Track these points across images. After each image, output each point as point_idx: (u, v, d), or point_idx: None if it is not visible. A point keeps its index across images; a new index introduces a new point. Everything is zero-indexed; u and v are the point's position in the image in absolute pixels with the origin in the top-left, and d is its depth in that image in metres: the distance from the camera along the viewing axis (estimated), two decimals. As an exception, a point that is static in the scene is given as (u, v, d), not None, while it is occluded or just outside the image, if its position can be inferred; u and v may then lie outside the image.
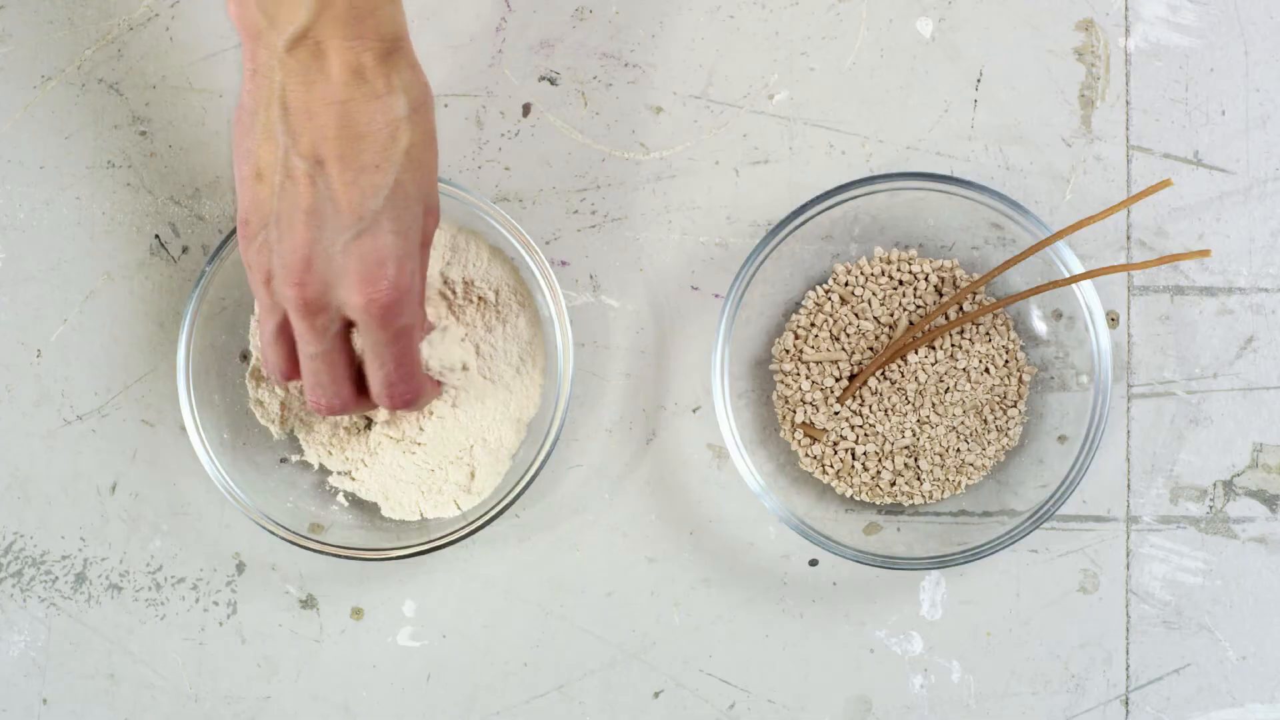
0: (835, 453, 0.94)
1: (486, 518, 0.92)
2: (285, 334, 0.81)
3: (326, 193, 0.74)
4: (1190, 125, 0.96)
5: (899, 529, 0.94)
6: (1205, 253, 0.86)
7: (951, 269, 0.94)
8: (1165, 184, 0.88)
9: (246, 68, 0.75)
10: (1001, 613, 0.95)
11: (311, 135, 0.74)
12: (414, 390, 0.83)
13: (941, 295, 0.94)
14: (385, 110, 0.74)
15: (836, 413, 0.93)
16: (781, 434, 0.95)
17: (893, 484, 0.94)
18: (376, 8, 0.73)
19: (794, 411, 0.94)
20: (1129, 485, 0.95)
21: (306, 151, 0.74)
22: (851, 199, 0.92)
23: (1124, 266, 0.89)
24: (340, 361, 0.81)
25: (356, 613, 0.97)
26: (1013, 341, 0.94)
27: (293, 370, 0.83)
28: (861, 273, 0.95)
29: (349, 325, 0.80)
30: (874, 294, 0.94)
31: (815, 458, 0.94)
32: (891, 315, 0.94)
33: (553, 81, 0.97)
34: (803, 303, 0.95)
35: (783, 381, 0.94)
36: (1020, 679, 0.95)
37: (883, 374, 0.93)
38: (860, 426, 0.93)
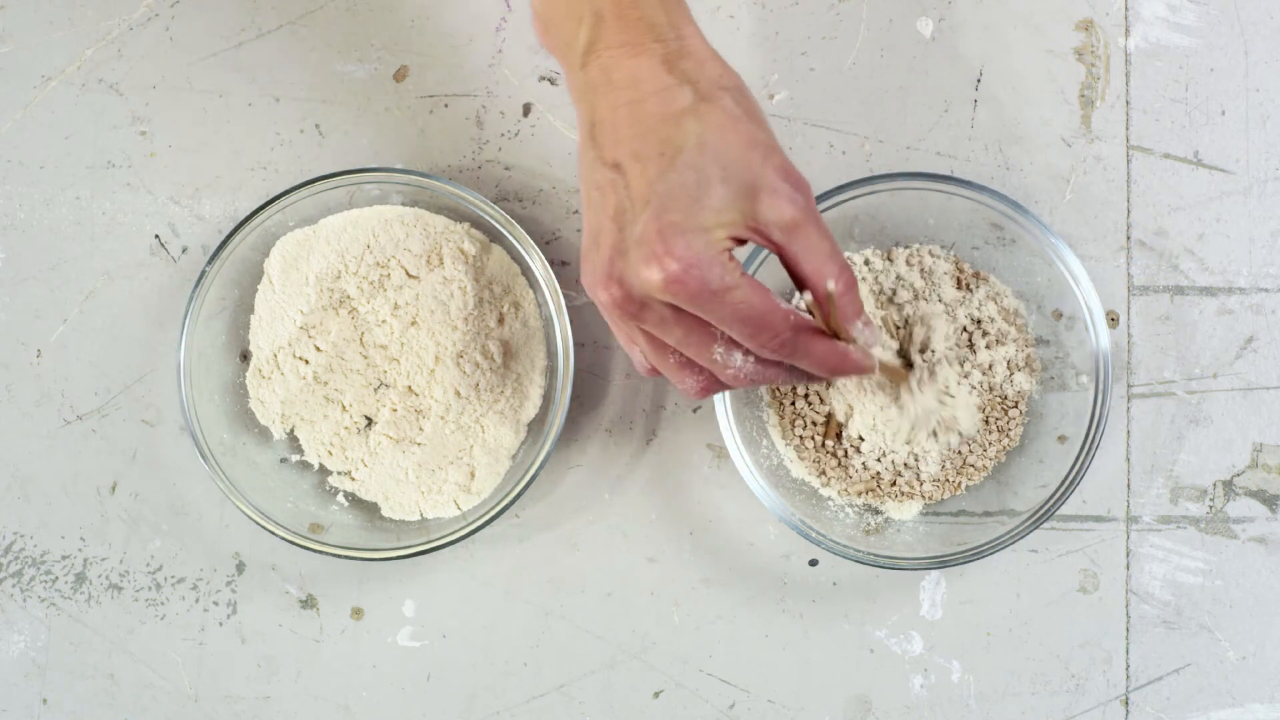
0: (835, 454, 0.94)
1: (486, 518, 0.92)
2: (654, 347, 0.79)
3: (625, 191, 0.74)
4: (1190, 125, 0.96)
5: (899, 529, 0.94)
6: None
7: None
8: None
9: (572, 97, 0.78)
10: (1001, 613, 0.95)
11: (610, 143, 0.75)
12: (780, 342, 0.76)
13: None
14: (668, 102, 0.74)
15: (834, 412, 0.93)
16: (780, 434, 0.95)
17: (893, 484, 0.94)
18: (644, 15, 0.75)
19: (793, 406, 0.94)
20: (1129, 485, 0.95)
21: (608, 159, 0.75)
22: (851, 199, 0.92)
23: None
24: (698, 342, 0.77)
25: (356, 613, 0.97)
26: (1026, 343, 0.94)
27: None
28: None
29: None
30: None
31: (815, 462, 0.94)
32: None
33: (553, 81, 0.97)
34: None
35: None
36: (1020, 679, 0.95)
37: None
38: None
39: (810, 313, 0.77)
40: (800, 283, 0.76)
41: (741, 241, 0.75)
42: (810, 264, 0.75)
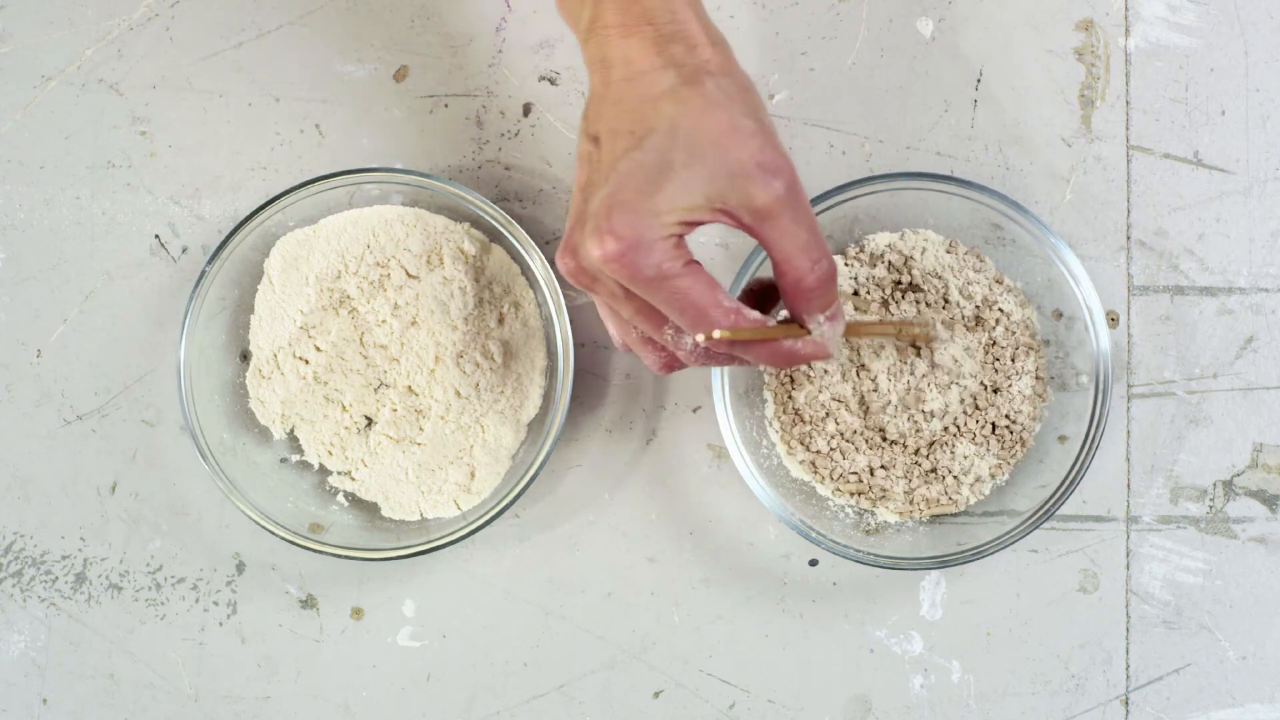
0: (834, 456, 0.94)
1: (486, 518, 0.92)
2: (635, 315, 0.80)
3: (597, 164, 0.76)
4: (1190, 125, 0.96)
5: (899, 529, 0.94)
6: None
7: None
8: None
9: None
10: (1001, 613, 0.95)
11: (594, 117, 0.77)
12: (708, 324, 0.76)
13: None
14: (650, 84, 0.75)
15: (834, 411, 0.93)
16: (778, 432, 0.95)
17: (884, 487, 0.94)
18: None
19: (793, 399, 0.94)
20: (1129, 485, 0.95)
21: (590, 132, 0.77)
22: (851, 199, 0.92)
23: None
24: (647, 321, 0.79)
25: (356, 613, 0.97)
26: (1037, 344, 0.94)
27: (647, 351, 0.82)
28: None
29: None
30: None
31: (810, 464, 0.94)
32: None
33: (553, 81, 0.97)
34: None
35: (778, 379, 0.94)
36: (1020, 679, 0.95)
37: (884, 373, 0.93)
38: (860, 426, 0.93)
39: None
40: (774, 268, 0.77)
41: (696, 225, 0.75)
42: (782, 251, 0.76)
